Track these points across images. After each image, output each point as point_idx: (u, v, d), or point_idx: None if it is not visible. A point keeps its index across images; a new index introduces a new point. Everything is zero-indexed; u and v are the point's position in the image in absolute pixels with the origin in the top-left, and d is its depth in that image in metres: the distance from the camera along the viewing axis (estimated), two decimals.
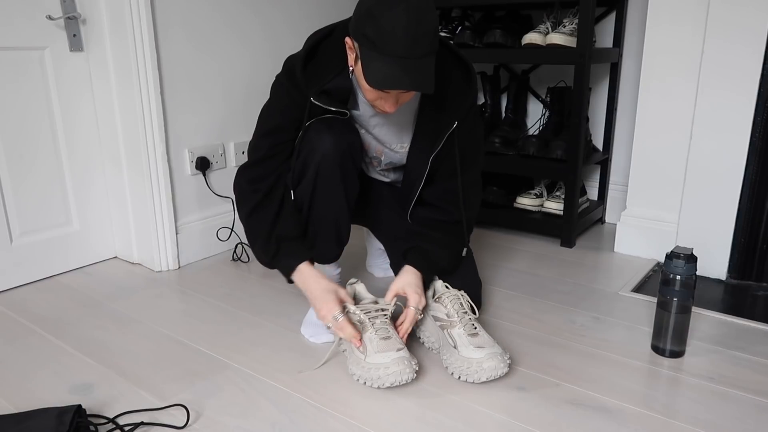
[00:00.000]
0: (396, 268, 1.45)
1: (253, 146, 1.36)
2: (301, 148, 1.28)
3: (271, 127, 1.33)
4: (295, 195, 1.32)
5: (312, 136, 1.26)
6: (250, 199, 1.34)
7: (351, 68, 1.22)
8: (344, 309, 1.25)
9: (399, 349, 1.18)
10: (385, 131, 1.36)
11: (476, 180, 1.42)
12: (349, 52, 1.20)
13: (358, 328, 1.23)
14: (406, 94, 1.19)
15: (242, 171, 1.37)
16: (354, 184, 1.32)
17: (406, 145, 1.38)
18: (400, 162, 1.43)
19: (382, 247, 1.67)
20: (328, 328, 1.28)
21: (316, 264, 1.36)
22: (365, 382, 1.18)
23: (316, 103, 1.23)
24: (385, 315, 1.25)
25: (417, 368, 1.19)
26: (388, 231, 1.50)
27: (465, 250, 1.44)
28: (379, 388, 1.18)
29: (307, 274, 1.31)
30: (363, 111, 1.32)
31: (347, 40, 1.18)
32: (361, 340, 1.22)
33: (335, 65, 1.25)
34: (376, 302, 1.29)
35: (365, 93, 1.21)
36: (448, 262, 1.38)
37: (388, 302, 1.29)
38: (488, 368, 1.17)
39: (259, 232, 1.33)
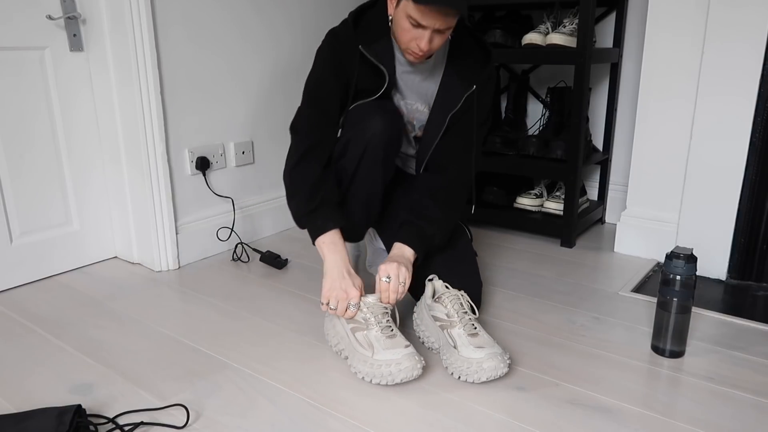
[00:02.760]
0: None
1: (300, 115, 1.42)
2: (352, 123, 1.36)
3: (319, 95, 1.40)
4: (337, 168, 1.39)
5: (363, 115, 1.35)
6: (303, 142, 1.38)
7: (390, 17, 1.33)
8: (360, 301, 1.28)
9: (407, 346, 1.20)
10: (415, 92, 1.46)
11: (478, 142, 1.51)
12: (390, 2, 1.32)
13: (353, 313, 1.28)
14: (438, 38, 1.27)
15: (295, 125, 1.42)
16: (391, 169, 1.43)
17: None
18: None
19: (383, 247, 1.67)
20: (328, 307, 1.29)
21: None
22: (372, 380, 1.18)
23: (364, 53, 1.34)
24: (387, 312, 1.26)
25: (424, 364, 1.20)
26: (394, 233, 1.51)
27: (472, 207, 1.56)
28: (387, 384, 1.18)
29: (333, 242, 1.34)
30: (400, 74, 1.42)
31: None
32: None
33: (380, 29, 1.37)
34: (379, 300, 1.29)
35: (402, 36, 1.29)
36: (441, 238, 1.42)
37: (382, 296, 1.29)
38: (488, 368, 1.17)
39: (306, 182, 1.36)
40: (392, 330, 1.24)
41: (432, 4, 1.20)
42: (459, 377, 1.20)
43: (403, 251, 1.36)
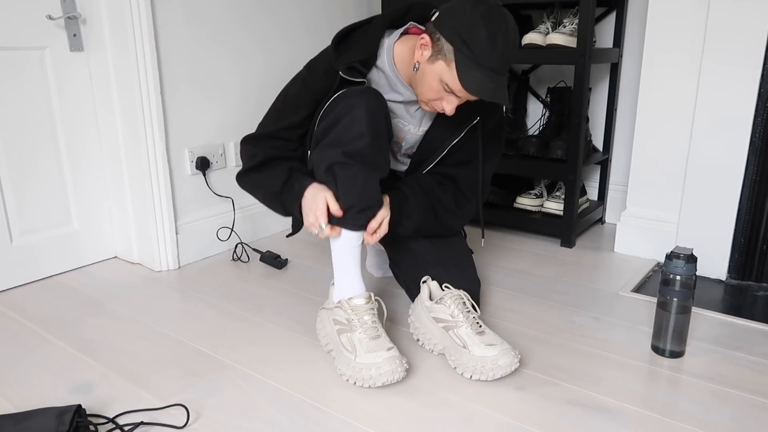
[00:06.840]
0: (395, 267, 1.46)
1: (262, 134, 1.36)
2: (332, 108, 1.24)
3: (282, 117, 1.34)
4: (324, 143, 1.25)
5: (346, 99, 1.22)
6: (258, 157, 1.35)
7: (416, 63, 1.22)
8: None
9: (389, 348, 1.19)
10: (410, 114, 1.38)
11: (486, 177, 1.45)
12: (421, 48, 1.20)
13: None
14: (463, 101, 1.22)
15: (250, 139, 1.37)
16: (387, 141, 1.26)
17: (425, 129, 1.41)
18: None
19: (381, 247, 1.67)
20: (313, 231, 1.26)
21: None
22: (355, 383, 1.19)
23: (345, 77, 1.23)
24: (372, 311, 1.26)
25: (407, 366, 1.19)
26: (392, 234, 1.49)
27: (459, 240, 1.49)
28: (370, 387, 1.18)
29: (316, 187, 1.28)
30: (392, 103, 1.33)
31: (425, 36, 1.19)
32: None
33: (364, 52, 1.26)
34: (369, 298, 1.28)
35: (426, 92, 1.21)
36: (413, 220, 1.35)
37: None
38: (504, 365, 1.18)
39: (265, 179, 1.34)
40: (377, 330, 1.23)
41: (483, 96, 1.14)
42: (471, 376, 1.20)
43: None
